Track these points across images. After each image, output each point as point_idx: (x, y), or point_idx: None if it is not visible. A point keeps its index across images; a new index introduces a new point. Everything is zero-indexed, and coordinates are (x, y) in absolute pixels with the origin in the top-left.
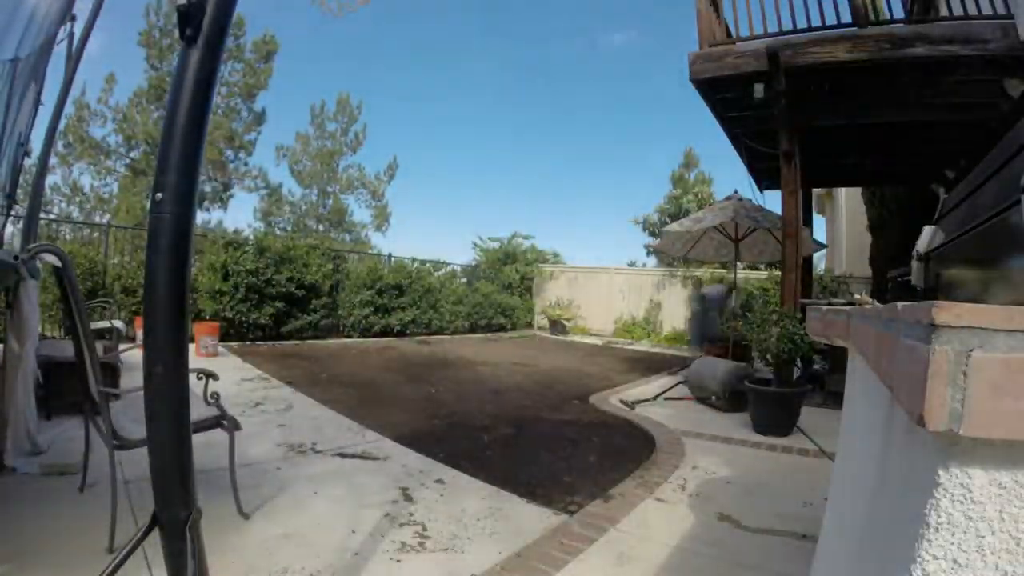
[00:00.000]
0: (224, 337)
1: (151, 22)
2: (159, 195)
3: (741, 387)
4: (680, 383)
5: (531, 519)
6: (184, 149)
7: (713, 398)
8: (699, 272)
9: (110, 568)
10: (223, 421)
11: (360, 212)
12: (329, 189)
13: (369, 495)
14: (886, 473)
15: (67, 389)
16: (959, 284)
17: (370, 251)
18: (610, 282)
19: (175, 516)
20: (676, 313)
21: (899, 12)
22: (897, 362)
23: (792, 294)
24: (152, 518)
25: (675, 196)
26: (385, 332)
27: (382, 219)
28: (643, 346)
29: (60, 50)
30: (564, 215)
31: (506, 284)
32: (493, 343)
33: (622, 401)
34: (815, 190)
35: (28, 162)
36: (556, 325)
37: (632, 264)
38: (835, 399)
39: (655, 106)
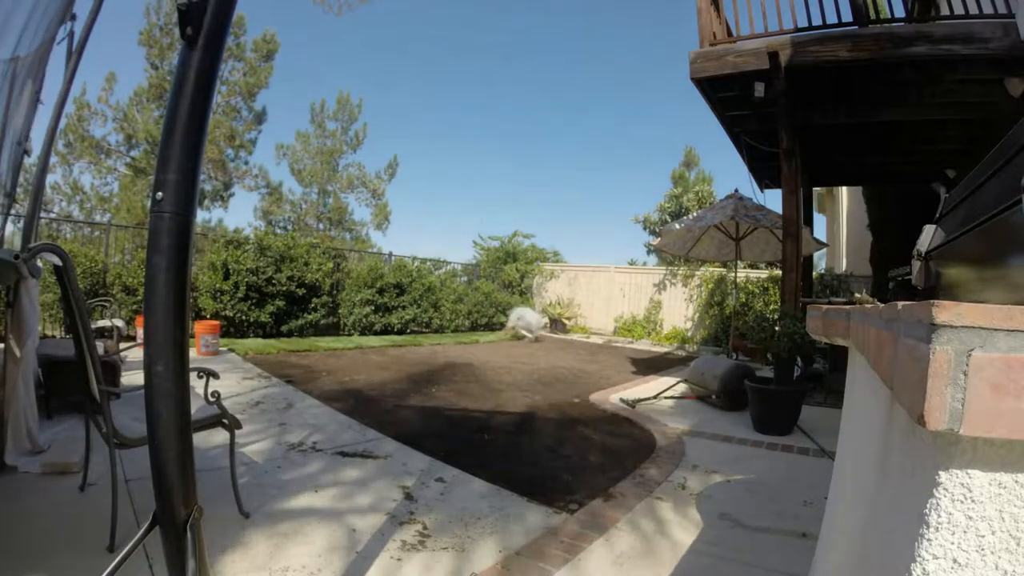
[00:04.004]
0: (225, 335)
1: (151, 21)
2: (159, 194)
3: (741, 386)
4: (680, 382)
5: (531, 518)
6: (184, 148)
7: (713, 397)
8: (700, 271)
9: (111, 568)
10: (224, 420)
11: (360, 211)
12: (329, 188)
13: (370, 494)
14: (886, 472)
15: (68, 388)
16: (959, 284)
17: (370, 250)
18: (610, 281)
19: (176, 515)
20: (677, 312)
21: (900, 11)
22: (897, 361)
23: (793, 293)
24: (153, 517)
25: (676, 195)
26: (386, 331)
27: (382, 218)
28: (644, 345)
29: (60, 49)
30: (564, 214)
31: (506, 283)
32: (493, 342)
33: (622, 400)
34: (816, 189)
35: (28, 161)
36: (556, 324)
37: (633, 263)
38: (835, 398)
39: (656, 104)
